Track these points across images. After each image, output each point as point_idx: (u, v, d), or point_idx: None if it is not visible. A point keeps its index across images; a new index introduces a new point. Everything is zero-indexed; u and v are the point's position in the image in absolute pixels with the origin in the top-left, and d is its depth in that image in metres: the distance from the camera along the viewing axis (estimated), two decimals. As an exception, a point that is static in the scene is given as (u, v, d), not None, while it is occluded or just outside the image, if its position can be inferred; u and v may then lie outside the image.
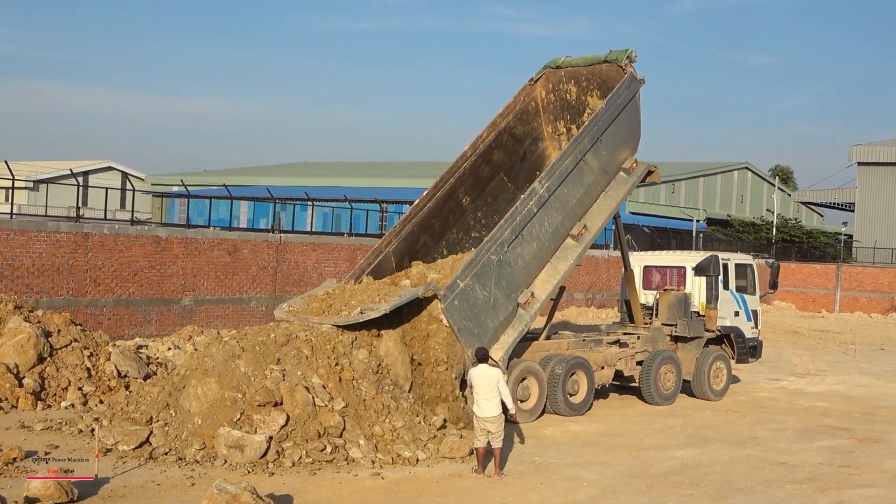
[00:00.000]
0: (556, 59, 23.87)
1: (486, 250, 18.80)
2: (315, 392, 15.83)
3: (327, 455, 14.89)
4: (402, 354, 17.36)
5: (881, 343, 42.89)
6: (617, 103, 21.69)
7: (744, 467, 16.28)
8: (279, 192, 57.72)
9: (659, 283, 25.10)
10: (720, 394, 24.09)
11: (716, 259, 24.33)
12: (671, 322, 23.65)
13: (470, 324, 18.22)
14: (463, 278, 18.29)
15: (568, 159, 20.59)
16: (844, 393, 26.00)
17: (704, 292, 24.15)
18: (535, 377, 19.83)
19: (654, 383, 22.49)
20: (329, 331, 17.25)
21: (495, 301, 18.81)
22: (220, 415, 15.16)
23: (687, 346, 23.81)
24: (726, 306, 24.64)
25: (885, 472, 16.29)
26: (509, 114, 23.33)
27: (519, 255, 19.57)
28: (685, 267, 24.70)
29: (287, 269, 33.37)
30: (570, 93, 23.79)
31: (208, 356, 16.37)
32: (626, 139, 22.47)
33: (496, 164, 23.22)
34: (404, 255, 21.24)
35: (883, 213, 76.56)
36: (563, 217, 20.71)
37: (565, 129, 24.03)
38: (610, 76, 22.74)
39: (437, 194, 21.98)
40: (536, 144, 24.15)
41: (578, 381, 20.71)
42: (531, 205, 19.75)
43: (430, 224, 22.01)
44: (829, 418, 21.68)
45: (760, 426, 20.30)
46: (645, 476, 15.35)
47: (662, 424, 20.00)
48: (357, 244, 36.78)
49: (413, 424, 16.16)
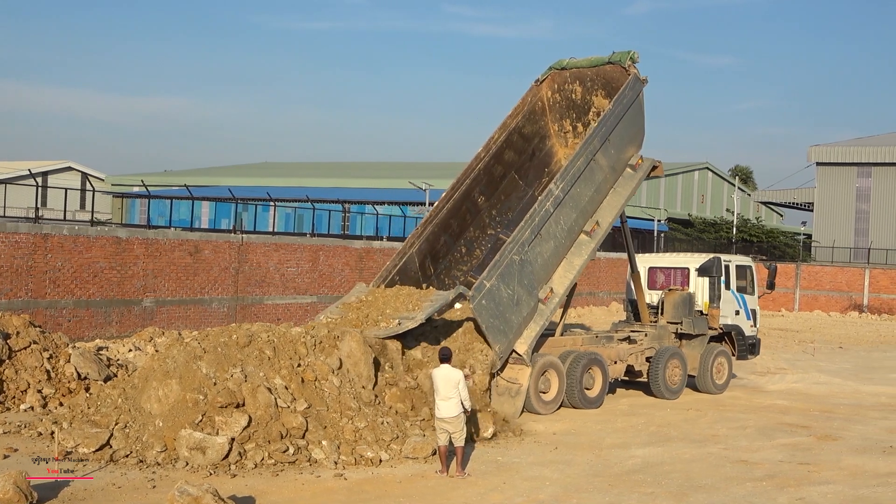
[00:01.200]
0: (561, 61, 24.75)
1: (509, 251, 19.85)
2: (277, 393, 15.78)
3: (290, 456, 14.86)
4: (364, 355, 17.34)
5: (840, 341, 43.36)
6: (623, 103, 22.67)
7: (705, 465, 16.38)
8: (241, 193, 57.44)
9: (663, 283, 26.25)
10: (722, 388, 25.22)
11: (718, 261, 25.58)
12: (676, 320, 24.90)
13: (496, 321, 19.31)
14: (489, 279, 19.31)
15: (580, 160, 21.58)
16: (804, 391, 26.25)
17: (707, 292, 25.40)
18: (556, 371, 21.01)
19: (662, 378, 23.64)
20: (292, 332, 17.27)
21: (518, 298, 19.91)
22: (181, 416, 15.07)
23: (691, 343, 25.08)
24: (727, 305, 25.87)
25: (844, 469, 16.45)
26: (518, 114, 24.31)
27: (538, 254, 20.67)
28: (689, 268, 25.93)
29: (249, 270, 33.24)
30: (576, 92, 24.69)
31: (169, 357, 16.27)
32: (632, 137, 23.52)
33: (507, 164, 24.31)
34: (426, 255, 22.56)
35: (841, 213, 77.35)
36: (577, 215, 21.81)
37: (571, 127, 25.08)
38: (614, 77, 23.68)
39: (454, 195, 23.17)
40: (544, 142, 25.15)
41: (594, 376, 21.82)
42: (548, 205, 20.77)
43: (449, 224, 23.18)
44: (789, 416, 21.87)
45: (721, 424, 20.45)
46: (607, 475, 15.42)
47: (624, 423, 20.11)
48: (319, 244, 36.71)
49: (376, 425, 16.14)
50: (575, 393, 21.23)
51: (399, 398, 17.37)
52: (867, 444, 18.80)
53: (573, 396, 21.24)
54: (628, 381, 24.49)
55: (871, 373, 31.20)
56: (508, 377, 19.92)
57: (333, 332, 17.63)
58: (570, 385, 21.18)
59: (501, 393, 19.76)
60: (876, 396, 25.74)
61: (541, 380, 20.60)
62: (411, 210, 61.73)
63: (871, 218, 76.13)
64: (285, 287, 34.73)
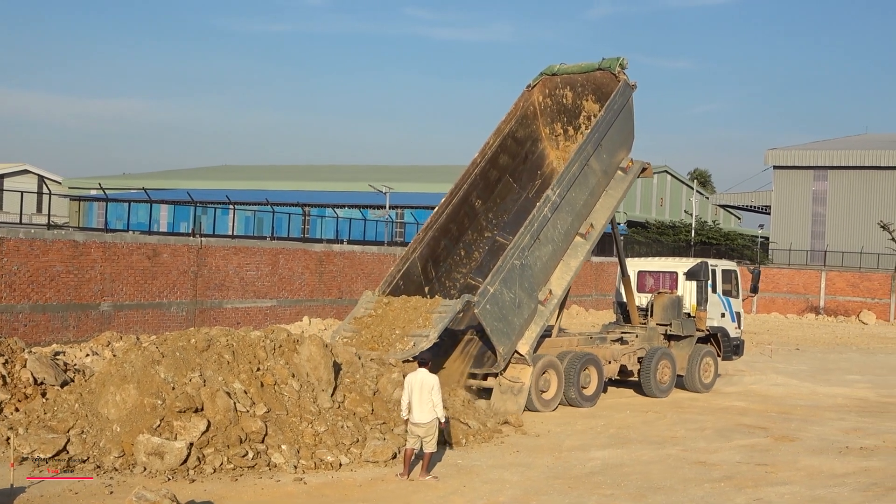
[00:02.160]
0: (552, 67, 25.37)
1: (511, 256, 20.73)
2: (236, 397, 15.71)
3: (249, 461, 14.78)
4: (324, 359, 17.28)
5: (797, 343, 43.82)
6: (614, 109, 23.41)
7: (663, 467, 16.48)
8: (200, 196, 57.12)
9: (652, 286, 27.24)
10: (709, 387, 26.26)
11: (706, 265, 26.64)
12: (665, 322, 25.93)
13: (500, 324, 20.26)
14: (492, 284, 20.20)
15: (575, 165, 22.36)
16: (761, 392, 26.48)
17: (695, 295, 26.45)
18: (555, 370, 21.88)
19: (653, 377, 24.57)
20: (251, 336, 17.21)
21: (520, 301, 20.82)
22: (139, 421, 14.96)
23: (679, 344, 26.02)
24: (714, 308, 26.95)
25: (801, 470, 16.61)
26: (511, 119, 24.93)
27: (538, 258, 21.55)
28: (677, 272, 26.98)
29: (208, 274, 33.04)
30: (567, 97, 25.39)
31: (127, 362, 16.14)
32: (623, 141, 24.30)
33: (502, 168, 24.92)
34: (428, 259, 23.23)
35: (798, 216, 78.12)
36: (572, 218, 22.65)
37: (562, 131, 25.80)
38: (604, 82, 24.42)
39: (452, 201, 23.71)
40: (536, 145, 25.85)
41: (590, 375, 22.72)
42: (546, 211, 21.61)
43: (449, 228, 23.78)
44: (747, 417, 22.06)
45: (680, 426, 20.58)
46: (567, 477, 15.47)
47: (584, 426, 20.18)
48: (279, 248, 36.55)
49: (336, 429, 16.11)
50: (573, 391, 22.10)
51: (359, 402, 17.31)
52: (824, 444, 18.99)
53: (571, 395, 22.11)
54: (619, 380, 25.15)
55: (827, 374, 31.53)
56: (511, 376, 20.84)
57: (293, 336, 17.58)
58: (568, 384, 22.06)
59: (504, 391, 20.74)
60: (832, 397, 26.03)
61: (541, 379, 21.46)
62: (372, 213, 61.64)
63: (827, 221, 76.95)
64: (245, 291, 34.55)
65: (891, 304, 62.48)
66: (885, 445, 19.04)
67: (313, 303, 37.49)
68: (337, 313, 38.54)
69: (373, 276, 40.51)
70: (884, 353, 41.17)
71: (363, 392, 17.60)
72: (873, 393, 27.24)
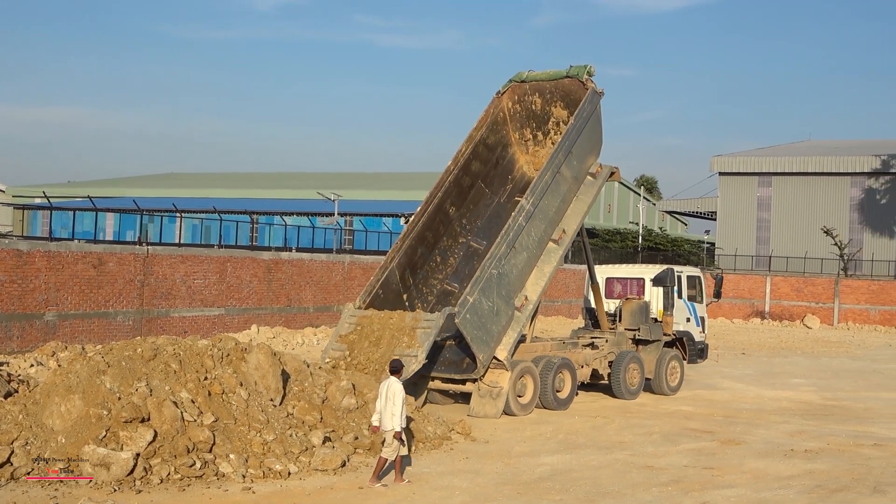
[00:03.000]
0: (521, 74, 25.87)
1: (488, 266, 21.21)
2: (184, 407, 15.58)
3: (197, 471, 14.65)
4: (273, 367, 17.20)
5: (742, 347, 44.24)
6: (583, 116, 23.92)
7: (611, 471, 16.57)
8: (146, 204, 56.69)
9: (620, 292, 28.08)
10: (675, 389, 27.05)
11: (672, 272, 27.61)
12: (634, 327, 26.59)
13: (480, 332, 20.82)
14: (471, 294, 20.69)
15: (547, 174, 22.85)
16: (708, 397, 26.72)
17: (662, 301, 27.37)
18: (531, 375, 22.41)
19: (623, 380, 25.31)
20: (198, 344, 17.09)
21: (498, 309, 21.35)
22: (84, 432, 14.78)
23: (647, 348, 26.75)
24: (679, 313, 27.85)
25: (747, 473, 16.78)
26: (482, 126, 25.39)
27: (513, 266, 22.02)
28: (644, 278, 27.81)
29: (155, 283, 32.75)
30: (536, 104, 25.86)
31: (72, 372, 15.94)
32: (592, 147, 24.83)
33: (475, 174, 25.39)
34: (405, 267, 23.72)
35: (743, 222, 79.00)
36: (545, 225, 23.18)
37: (532, 136, 26.25)
38: (572, 89, 24.93)
39: (428, 209, 24.20)
40: (506, 150, 26.29)
41: (564, 379, 23.27)
42: (521, 220, 22.09)
43: (425, 236, 24.26)
44: (693, 422, 22.25)
45: (627, 431, 20.71)
46: (516, 483, 15.51)
47: (533, 432, 20.24)
48: (227, 256, 36.32)
49: (284, 437, 16.03)
50: (548, 395, 22.65)
51: (308, 410, 17.26)
52: (769, 447, 19.21)
53: (546, 398, 22.65)
54: (588, 383, 25.61)
55: (772, 378, 31.90)
56: (490, 381, 21.50)
57: (241, 344, 17.49)
58: (544, 388, 22.62)
59: (483, 395, 21.45)
60: (777, 401, 26.33)
61: (518, 383, 21.96)
62: (320, 221, 61.44)
63: (772, 226, 77.92)
64: (192, 299, 34.29)
65: (834, 309, 63.37)
66: (829, 448, 19.29)
67: (262, 311, 37.32)
68: (286, 321, 38.39)
69: (322, 284, 40.42)
70: (828, 356, 41.73)
71: (312, 400, 17.55)
72: (818, 396, 27.60)
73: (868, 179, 74.31)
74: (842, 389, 29.47)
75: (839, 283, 63.78)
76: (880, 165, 73.14)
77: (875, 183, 74.09)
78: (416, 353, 20.04)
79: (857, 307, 62.86)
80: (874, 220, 73.69)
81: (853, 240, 72.79)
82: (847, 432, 21.24)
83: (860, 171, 74.40)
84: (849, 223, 74.35)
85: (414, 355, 19.97)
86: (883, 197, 73.69)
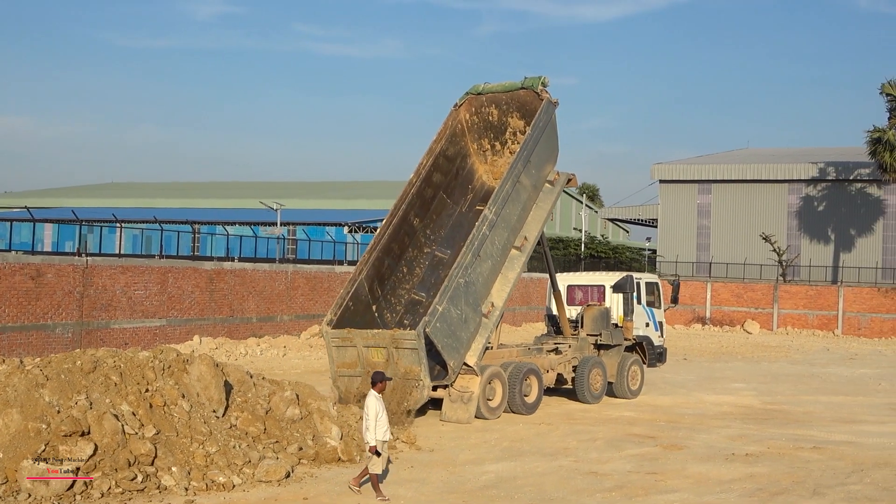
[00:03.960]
0: (477, 87, 26.51)
1: (456, 275, 21.87)
2: (125, 419, 15.37)
3: (138, 484, 14.47)
4: (215, 378, 17.05)
5: (684, 353, 44.62)
6: (539, 126, 24.58)
7: (556, 478, 16.62)
8: (85, 214, 55.98)
9: (581, 299, 28.80)
10: (636, 393, 27.81)
11: (631, 278, 28.43)
12: (595, 332, 27.24)
13: (449, 339, 21.54)
14: (441, 303, 21.36)
15: (507, 184, 23.49)
16: (650, 402, 26.91)
17: (622, 307, 28.27)
18: (500, 380, 23.04)
19: (587, 385, 25.92)
20: (139, 356, 16.89)
21: (466, 316, 22.12)
22: (22, 447, 14.53)
23: (608, 353, 27.41)
24: (639, 319, 28.73)
25: (689, 478, 16.91)
26: (441, 139, 25.93)
27: (479, 274, 22.76)
28: (604, 285, 28.65)
29: (94, 294, 32.34)
30: (493, 115, 26.50)
31: (9, 386, 15.67)
32: (549, 155, 25.56)
33: (436, 185, 26.00)
34: (374, 279, 24.21)
35: (683, 229, 79.72)
36: (508, 233, 23.90)
37: (490, 146, 26.84)
38: (527, 100, 25.59)
39: (393, 221, 24.70)
40: (465, 161, 26.90)
41: (531, 384, 23.94)
42: (484, 229, 22.75)
43: (391, 248, 24.80)
44: (637, 427, 22.39)
45: (572, 437, 20.79)
46: (461, 491, 15.50)
47: (478, 439, 20.25)
48: (168, 266, 35.98)
49: (228, 449, 15.89)
50: (516, 399, 23.26)
51: (251, 421, 17.13)
52: (711, 452, 19.38)
53: (514, 403, 23.28)
54: (550, 388, 25.95)
55: (713, 383, 32.21)
56: (460, 387, 22.16)
57: (183, 355, 17.31)
58: (512, 392, 23.21)
59: (455, 400, 22.03)
60: (719, 406, 26.57)
61: (487, 388, 22.57)
62: (263, 230, 61.10)
63: (712, 233, 78.71)
64: (133, 311, 33.91)
65: (773, 314, 64.22)
66: (769, 451, 19.50)
67: (204, 321, 37.00)
68: (228, 332, 38.09)
69: (265, 294, 40.17)
70: (767, 361, 42.25)
71: (255, 411, 17.42)
72: (758, 400, 27.91)
73: (806, 187, 75.35)
74: (781, 393, 29.83)
75: (778, 289, 64.66)
76: (818, 173, 74.24)
77: (812, 190, 75.17)
78: (420, 378, 21.07)
79: (795, 312, 63.74)
80: (811, 227, 74.74)
81: (791, 246, 73.73)
82: (787, 436, 21.49)
83: (798, 179, 75.39)
84: (787, 230, 75.30)
85: (419, 380, 21.06)
86: (820, 204, 74.79)
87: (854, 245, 72.94)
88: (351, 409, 19.64)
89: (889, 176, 62.15)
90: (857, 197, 73.68)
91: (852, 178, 73.56)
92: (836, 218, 73.99)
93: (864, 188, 73.36)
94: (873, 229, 72.66)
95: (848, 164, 73.70)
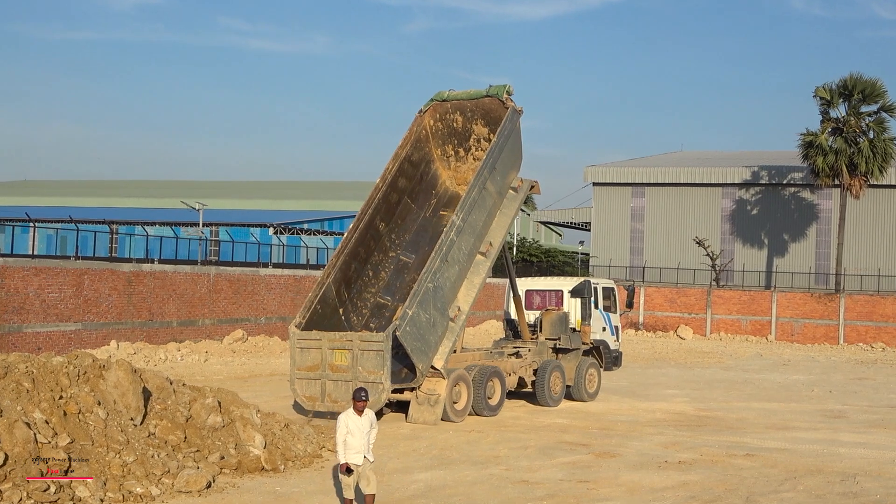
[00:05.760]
0: (442, 93, 26.98)
1: (425, 280, 22.47)
2: (37, 428, 14.79)
3: (51, 496, 13.87)
4: (133, 385, 16.47)
5: (617, 358, 44.55)
6: (504, 134, 25.22)
7: (486, 487, 16.31)
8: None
9: (539, 304, 29.98)
10: (593, 395, 28.39)
11: (589, 283, 29.38)
12: (554, 337, 27.91)
13: (419, 343, 22.19)
14: (410, 307, 21.93)
15: (474, 191, 24.11)
16: (583, 409, 26.74)
17: (580, 311, 29.30)
18: (465, 383, 23.66)
19: (547, 388, 26.53)
20: (53, 362, 16.29)
21: (434, 320, 22.78)
22: (-74, 457, 13.86)
23: (567, 356, 28.04)
24: (596, 323, 29.97)
25: (622, 485, 16.70)
26: (407, 144, 26.42)
27: (446, 279, 23.38)
28: (562, 290, 29.95)
29: (6, 297, 31.34)
30: (457, 122, 27.06)
31: (-86, 393, 14.99)
32: (513, 162, 26.20)
33: (401, 190, 26.48)
34: (341, 283, 24.72)
35: (617, 232, 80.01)
36: (474, 239, 24.52)
37: (454, 152, 27.45)
38: (492, 108, 26.23)
39: (359, 226, 25.17)
40: (429, 166, 27.46)
41: (495, 387, 24.55)
42: (452, 235, 23.35)
43: (358, 252, 25.29)
44: (569, 434, 22.16)
45: (502, 445, 20.48)
46: (389, 501, 15.14)
47: (407, 447, 19.86)
48: (84, 268, 34.96)
49: (146, 458, 15.36)
50: (480, 402, 23.87)
51: (171, 429, 16.59)
52: (644, 459, 19.20)
53: (479, 405, 23.89)
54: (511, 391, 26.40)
55: (646, 389, 32.12)
56: (427, 389, 22.77)
57: (99, 361, 16.72)
58: (477, 395, 23.82)
59: (422, 403, 22.68)
60: (652, 412, 26.45)
61: (453, 391, 23.18)
62: (184, 231, 60.17)
63: (645, 237, 79.08)
64: (46, 314, 32.94)
65: (707, 319, 64.59)
66: (702, 459, 19.37)
67: (122, 326, 36.08)
68: (147, 336, 37.20)
69: (186, 297, 39.29)
70: (700, 367, 42.36)
71: (175, 419, 16.88)
72: (691, 407, 27.84)
73: (739, 190, 75.96)
74: (714, 400, 29.82)
75: (711, 294, 65.03)
76: (751, 177, 74.87)
77: (746, 194, 75.80)
78: (380, 380, 21.50)
79: (728, 317, 64.17)
80: (745, 231, 75.38)
81: (725, 250, 74.30)
82: (720, 443, 21.39)
83: (731, 182, 75.97)
84: (720, 234, 75.88)
85: (379, 382, 21.46)
86: (754, 208, 75.44)
87: (787, 250, 73.65)
88: (275, 417, 19.17)
89: (822, 181, 62.70)
90: (790, 201, 74.42)
91: (786, 183, 74.23)
92: (770, 222, 74.69)
93: (797, 192, 74.06)
94: (806, 234, 73.41)
95: (781, 169, 74.43)
